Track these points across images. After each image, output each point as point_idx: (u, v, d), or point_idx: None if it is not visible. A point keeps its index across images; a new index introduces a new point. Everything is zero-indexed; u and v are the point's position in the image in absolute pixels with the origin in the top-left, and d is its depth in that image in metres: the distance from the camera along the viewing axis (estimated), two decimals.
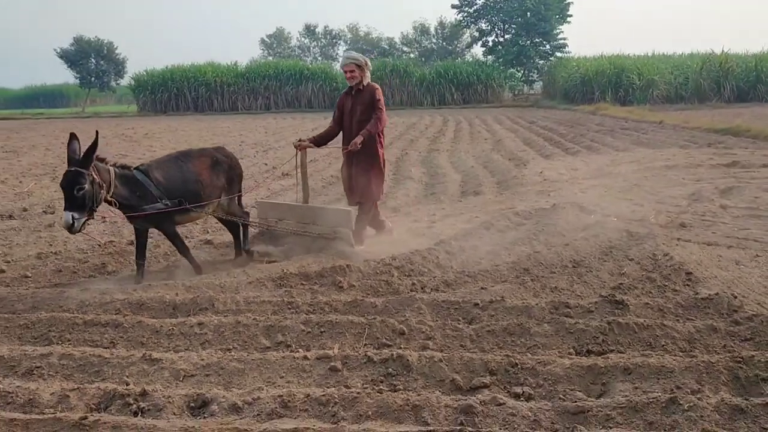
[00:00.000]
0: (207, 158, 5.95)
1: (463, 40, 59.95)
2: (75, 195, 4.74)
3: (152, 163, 5.63)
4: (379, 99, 6.56)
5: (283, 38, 68.11)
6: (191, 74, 45.13)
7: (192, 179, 5.67)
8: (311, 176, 8.68)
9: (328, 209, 6.75)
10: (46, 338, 4.15)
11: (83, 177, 4.78)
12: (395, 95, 44.44)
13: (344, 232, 6.23)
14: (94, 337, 4.15)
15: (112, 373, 3.60)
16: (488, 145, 16.41)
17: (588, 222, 6.90)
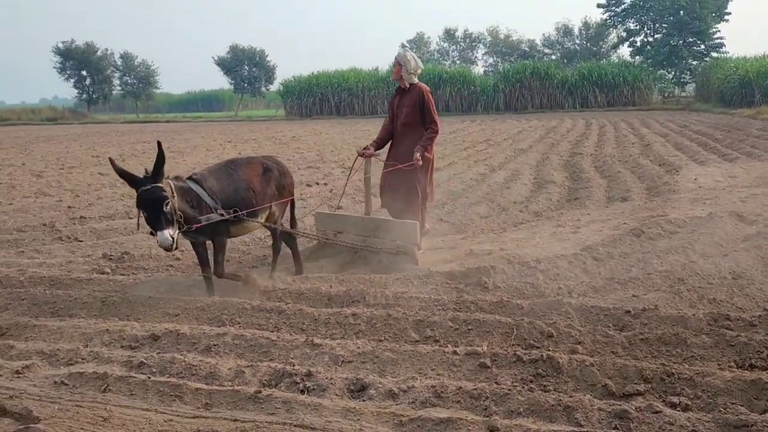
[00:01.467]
0: (257, 166, 5.60)
1: (609, 40, 57.53)
2: (163, 211, 4.43)
3: (204, 173, 5.26)
4: (430, 105, 6.26)
5: (422, 43, 68.83)
6: (335, 80, 46.92)
7: (243, 187, 5.33)
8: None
9: (393, 222, 6.23)
10: (219, 320, 4.59)
11: (164, 191, 4.50)
12: (535, 98, 43.58)
13: (408, 248, 5.85)
14: (260, 321, 4.54)
15: (278, 354, 3.93)
16: (636, 150, 15.70)
17: (749, 232, 6.48)
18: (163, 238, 4.43)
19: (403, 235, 5.90)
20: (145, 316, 4.71)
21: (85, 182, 12.17)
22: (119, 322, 4.57)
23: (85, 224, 8.38)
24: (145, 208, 4.48)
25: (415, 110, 6.24)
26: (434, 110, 6.36)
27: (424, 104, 6.27)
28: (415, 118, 6.25)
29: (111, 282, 5.55)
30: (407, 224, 5.98)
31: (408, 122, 6.27)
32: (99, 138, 26.49)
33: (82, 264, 6.32)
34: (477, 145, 18.82)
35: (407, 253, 5.82)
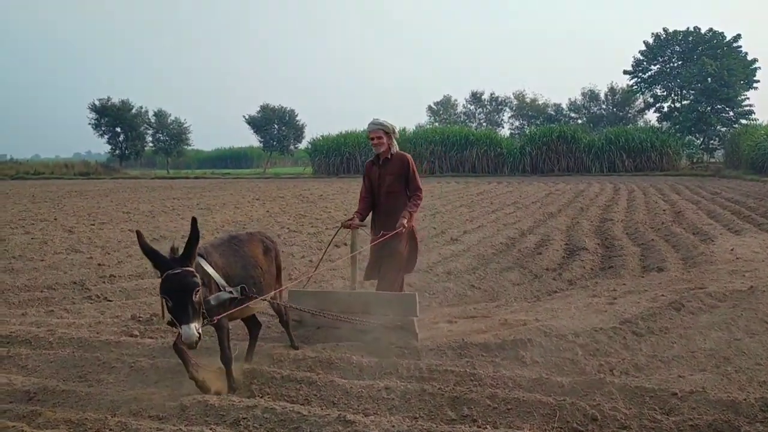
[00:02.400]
0: (258, 242, 5.19)
1: (636, 105, 57.85)
2: (193, 300, 3.86)
3: (207, 247, 4.67)
4: (414, 172, 6.24)
5: (449, 105, 69.89)
6: (362, 139, 47.51)
7: (251, 264, 4.90)
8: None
9: (388, 295, 5.87)
10: (248, 390, 4.47)
11: (194, 276, 3.94)
12: (561, 161, 43.63)
13: (408, 321, 5.49)
14: (291, 393, 4.41)
15: (310, 430, 3.78)
16: (668, 217, 15.46)
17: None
18: (190, 334, 3.78)
19: (401, 309, 5.57)
20: (173, 384, 4.61)
21: (116, 239, 12.28)
22: (147, 390, 4.46)
23: (115, 283, 8.38)
24: (172, 295, 3.84)
25: (400, 179, 6.22)
26: (419, 177, 6.37)
27: (410, 173, 6.24)
28: (399, 187, 6.22)
29: (139, 345, 5.48)
30: (405, 296, 5.77)
31: (393, 191, 6.22)
32: (130, 194, 26.96)
33: (111, 325, 6.28)
34: (505, 207, 18.73)
35: (406, 327, 5.47)
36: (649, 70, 50.14)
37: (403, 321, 5.50)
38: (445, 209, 18.41)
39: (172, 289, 3.86)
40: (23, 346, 5.60)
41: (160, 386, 4.59)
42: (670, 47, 49.34)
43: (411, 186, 6.26)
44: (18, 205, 20.52)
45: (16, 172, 47.43)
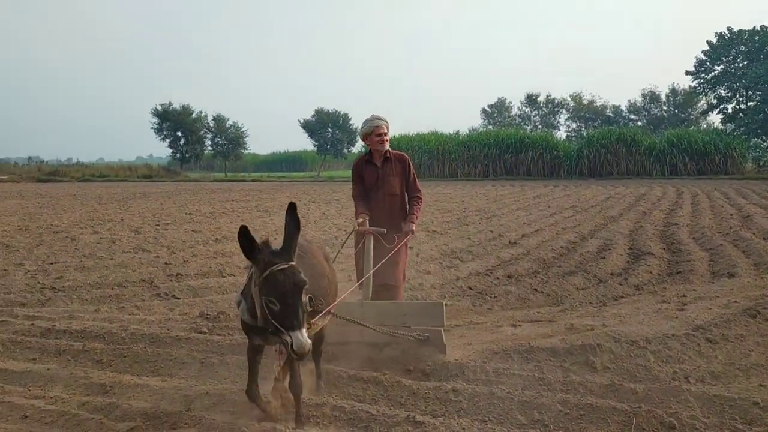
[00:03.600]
0: (318, 250, 4.58)
1: (698, 107, 56.05)
2: (302, 301, 3.33)
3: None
4: (414, 173, 5.94)
5: (504, 107, 69.24)
6: (416, 142, 47.60)
7: (318, 273, 4.16)
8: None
9: (414, 305, 5.49)
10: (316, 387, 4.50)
11: (301, 272, 3.41)
12: (620, 164, 42.65)
13: (435, 332, 5.04)
14: (358, 392, 4.42)
15: (379, 430, 3.78)
16: (735, 221, 14.88)
17: None
18: (303, 342, 3.16)
19: (429, 319, 5.14)
20: (243, 380, 4.68)
21: (180, 239, 12.60)
22: (219, 385, 4.56)
23: (182, 281, 8.60)
24: (280, 296, 3.22)
25: (402, 180, 5.86)
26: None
27: (411, 174, 5.93)
28: (401, 188, 5.86)
29: (208, 342, 5.60)
30: (432, 305, 5.30)
31: (394, 192, 5.83)
32: (191, 196, 27.65)
33: (180, 322, 6.43)
34: (563, 211, 18.41)
35: (433, 339, 5.02)
36: (712, 71, 48.55)
37: (431, 332, 5.05)
38: (501, 213, 18.21)
39: (280, 288, 3.22)
40: (97, 341, 5.80)
41: (230, 382, 4.67)
42: (735, 47, 47.65)
43: (411, 187, 5.93)
44: (86, 206, 21.31)
45: (83, 174, 49.33)
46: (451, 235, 13.26)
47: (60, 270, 9.31)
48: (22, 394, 4.58)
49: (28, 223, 15.72)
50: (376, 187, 5.81)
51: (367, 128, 5.78)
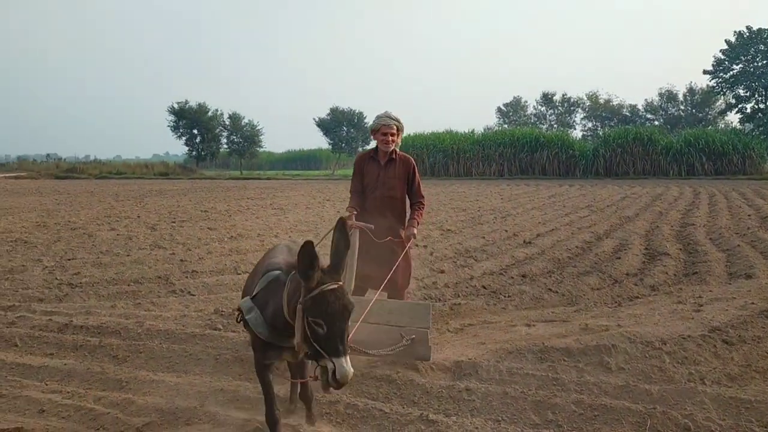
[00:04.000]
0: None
1: (716, 107, 55.47)
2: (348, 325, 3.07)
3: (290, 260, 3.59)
4: (419, 178, 5.69)
5: (519, 106, 68.96)
6: (431, 141, 47.51)
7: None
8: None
9: (402, 304, 5.20)
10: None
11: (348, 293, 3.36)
12: (637, 164, 42.29)
13: (422, 333, 4.85)
14: (371, 390, 4.43)
15: (392, 428, 3.79)
16: (753, 222, 14.72)
17: None
18: (348, 369, 2.91)
19: (415, 320, 4.92)
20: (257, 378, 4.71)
21: (195, 236, 12.68)
22: (233, 382, 4.59)
23: (197, 278, 8.66)
24: (329, 318, 2.95)
25: (404, 183, 5.57)
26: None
27: (415, 177, 5.66)
28: (401, 192, 5.57)
29: (223, 339, 5.64)
30: (418, 305, 5.11)
31: (394, 195, 5.54)
32: (206, 193, 27.81)
33: (196, 318, 6.48)
34: (579, 210, 18.30)
35: (420, 339, 4.82)
36: (731, 70, 48.03)
37: (417, 333, 4.85)
38: (516, 212, 18.14)
39: (329, 309, 2.96)
40: (113, 337, 5.85)
41: (244, 379, 4.70)
42: (754, 46, 47.09)
43: (414, 192, 5.67)
44: (102, 203, 21.51)
45: (100, 171, 49.79)
46: (466, 234, 13.24)
47: (77, 266, 9.41)
48: (39, 388, 4.64)
49: (46, 219, 15.90)
50: (374, 186, 5.54)
51: (375, 124, 5.55)
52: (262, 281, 3.47)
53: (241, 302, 3.49)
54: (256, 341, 3.48)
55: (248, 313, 3.40)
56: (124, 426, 3.86)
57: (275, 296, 3.33)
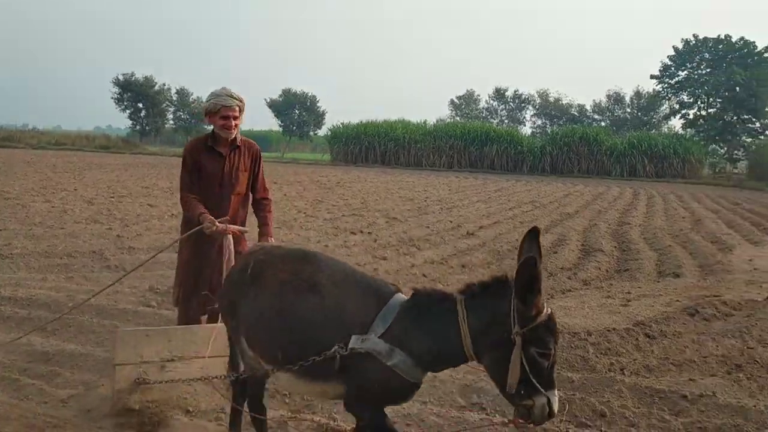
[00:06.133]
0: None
1: (661, 111, 57.25)
2: None
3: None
4: (263, 171, 4.61)
5: (472, 100, 69.64)
6: (383, 129, 47.54)
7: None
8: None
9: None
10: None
11: None
12: (582, 162, 43.31)
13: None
14: None
15: (323, 409, 3.83)
16: (686, 224, 15.35)
17: None
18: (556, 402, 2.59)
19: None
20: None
21: (135, 212, 12.42)
22: None
23: (133, 254, 8.50)
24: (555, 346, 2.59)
25: (249, 175, 4.48)
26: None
27: (260, 168, 4.58)
28: (247, 186, 4.49)
29: (156, 316, 5.58)
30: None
31: (241, 192, 4.44)
32: (149, 169, 27.20)
33: (129, 295, 6.38)
34: (523, 205, 18.70)
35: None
36: (676, 76, 49.53)
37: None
38: (462, 204, 18.41)
39: (557, 335, 2.61)
40: (43, 309, 5.72)
41: None
42: (700, 54, 48.66)
43: (259, 186, 4.56)
44: (39, 174, 20.79)
45: (38, 141, 47.92)
46: (411, 223, 13.36)
47: (8, 237, 9.10)
48: None
49: None
50: (218, 183, 4.34)
51: (212, 104, 4.27)
52: (386, 313, 2.71)
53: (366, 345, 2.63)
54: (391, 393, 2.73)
55: (390, 359, 2.61)
56: (49, 397, 3.79)
57: (431, 329, 2.67)
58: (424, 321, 2.68)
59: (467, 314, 2.61)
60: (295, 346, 2.73)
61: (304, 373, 2.72)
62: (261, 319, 2.87)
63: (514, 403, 2.57)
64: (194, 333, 3.88)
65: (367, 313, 2.71)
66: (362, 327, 2.68)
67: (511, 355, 2.49)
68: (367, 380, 2.65)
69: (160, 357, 3.68)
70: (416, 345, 2.64)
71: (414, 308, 2.72)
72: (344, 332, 2.67)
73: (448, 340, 2.63)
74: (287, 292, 2.83)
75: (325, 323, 2.73)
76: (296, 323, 2.78)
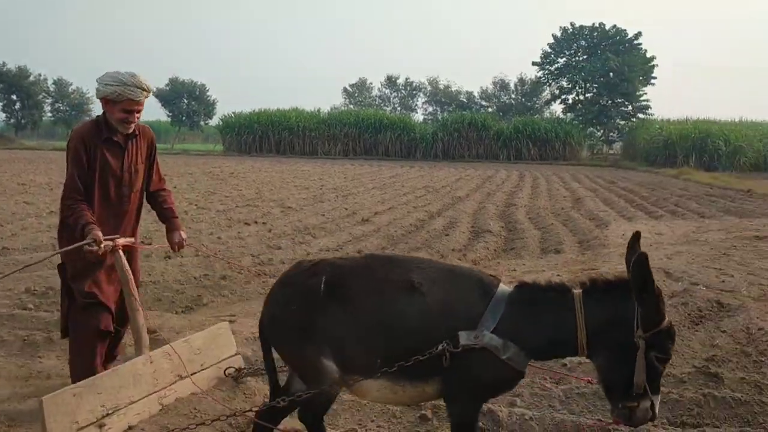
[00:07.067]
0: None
1: (543, 96, 60.01)
2: None
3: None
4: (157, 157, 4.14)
5: (364, 88, 70.00)
6: (276, 118, 46.95)
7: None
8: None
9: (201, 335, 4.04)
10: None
11: None
12: (472, 148, 44.77)
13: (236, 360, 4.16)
14: None
15: None
16: (567, 203, 16.28)
17: (675, 289, 6.74)
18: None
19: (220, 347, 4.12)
20: (65, 356, 4.47)
21: (9, 211, 11.62)
22: (45, 363, 4.32)
23: (8, 255, 7.96)
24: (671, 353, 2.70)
25: (145, 167, 3.96)
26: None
27: (156, 157, 4.11)
28: (143, 179, 3.97)
29: (34, 319, 5.27)
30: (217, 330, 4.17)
31: (140, 188, 3.95)
32: (26, 165, 25.46)
33: (3, 298, 5.99)
34: (416, 191, 19.09)
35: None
36: (556, 63, 52.03)
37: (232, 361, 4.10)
38: (357, 191, 18.54)
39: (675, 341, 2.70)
40: None
41: (54, 359, 4.44)
42: (577, 41, 51.37)
43: (156, 177, 4.10)
44: None
45: None
46: (306, 211, 13.33)
47: None
48: None
49: None
50: (117, 182, 3.78)
51: (114, 93, 3.65)
52: (496, 307, 2.69)
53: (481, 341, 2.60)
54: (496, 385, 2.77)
55: (505, 353, 2.61)
56: None
57: (545, 322, 2.68)
58: (538, 314, 2.69)
59: (585, 310, 2.61)
60: (399, 350, 2.63)
61: (404, 376, 2.63)
62: (354, 331, 2.71)
63: (616, 404, 2.61)
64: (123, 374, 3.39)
65: (474, 308, 2.68)
66: (469, 322, 2.64)
67: (629, 357, 2.52)
68: (480, 375, 2.64)
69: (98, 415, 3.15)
70: (529, 338, 2.64)
71: (526, 301, 2.70)
72: (451, 329, 2.62)
73: (562, 333, 2.64)
74: (385, 298, 2.74)
75: (431, 322, 2.66)
76: (400, 327, 2.69)
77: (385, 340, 2.69)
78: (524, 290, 2.75)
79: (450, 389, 2.68)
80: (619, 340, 2.55)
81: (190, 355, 3.76)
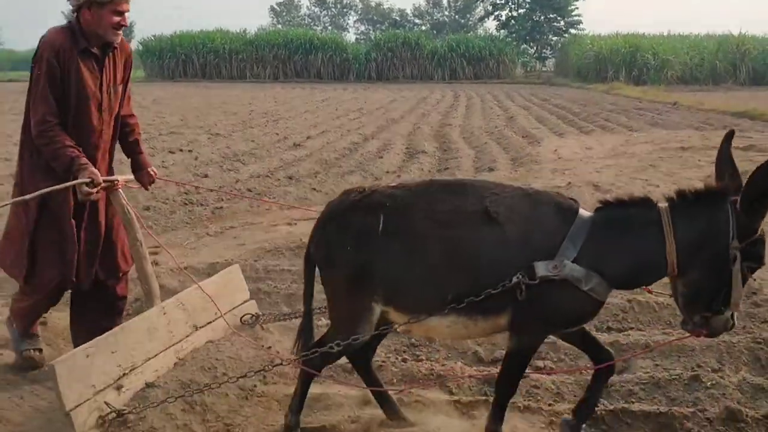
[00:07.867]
0: None
1: (476, 13, 59.43)
2: None
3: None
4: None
5: (293, 6, 67.53)
6: (199, 40, 44.83)
7: None
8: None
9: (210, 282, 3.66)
10: None
11: None
12: (406, 68, 44.16)
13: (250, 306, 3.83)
14: None
15: None
16: (501, 122, 16.34)
17: None
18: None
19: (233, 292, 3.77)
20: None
21: None
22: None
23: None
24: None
25: (124, 87, 3.38)
26: None
27: (130, 75, 3.48)
28: (121, 101, 3.37)
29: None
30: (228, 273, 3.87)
31: (117, 113, 3.35)
32: None
33: None
34: (350, 113, 18.77)
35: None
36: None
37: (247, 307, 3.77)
38: (289, 115, 18.08)
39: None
40: None
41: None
42: None
43: (126, 101, 3.46)
44: None
45: None
46: (235, 137, 12.91)
47: None
48: None
49: None
50: (96, 105, 3.17)
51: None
52: (576, 234, 2.44)
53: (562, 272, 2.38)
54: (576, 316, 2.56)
55: (587, 284, 2.40)
56: None
57: (630, 246, 2.48)
58: (622, 237, 2.48)
59: (674, 226, 2.38)
60: (472, 285, 2.41)
61: (476, 310, 2.43)
62: (419, 269, 2.50)
63: (692, 317, 2.45)
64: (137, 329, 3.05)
65: (553, 236, 2.44)
66: (548, 251, 2.41)
67: (722, 270, 2.33)
68: (558, 307, 2.46)
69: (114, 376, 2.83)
70: (613, 265, 2.43)
71: (607, 224, 2.47)
72: (528, 260, 2.39)
73: (650, 256, 2.42)
74: (458, 231, 2.48)
75: (508, 253, 2.43)
76: (475, 261, 2.47)
77: (457, 276, 2.48)
78: (607, 211, 2.53)
79: (522, 319, 2.48)
80: (713, 252, 2.35)
81: (204, 303, 3.42)
